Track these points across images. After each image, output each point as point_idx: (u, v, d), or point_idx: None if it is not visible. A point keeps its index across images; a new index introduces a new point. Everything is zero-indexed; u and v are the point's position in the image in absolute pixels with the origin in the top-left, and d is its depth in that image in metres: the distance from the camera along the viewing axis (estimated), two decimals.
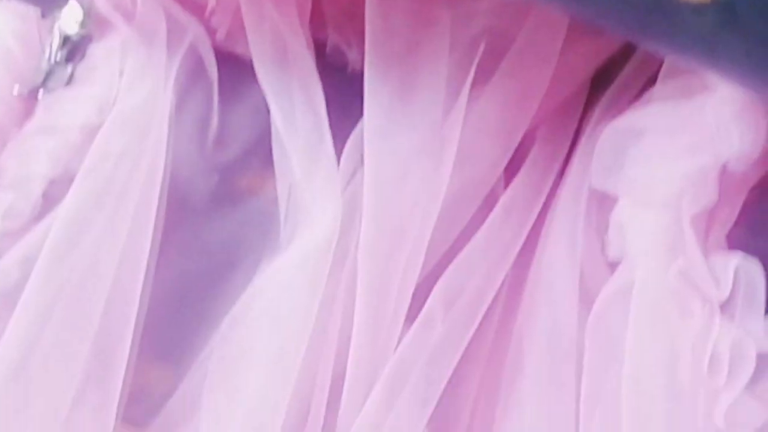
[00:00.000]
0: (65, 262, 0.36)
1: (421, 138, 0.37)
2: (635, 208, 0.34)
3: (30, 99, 0.38)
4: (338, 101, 0.39)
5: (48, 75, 0.37)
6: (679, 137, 0.34)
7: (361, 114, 0.38)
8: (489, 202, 0.38)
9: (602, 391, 0.33)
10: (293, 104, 0.39)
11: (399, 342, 0.35)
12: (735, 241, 0.34)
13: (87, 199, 0.37)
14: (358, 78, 0.39)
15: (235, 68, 0.41)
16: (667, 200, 0.33)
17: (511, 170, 0.38)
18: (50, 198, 0.38)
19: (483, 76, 0.38)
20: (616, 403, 0.33)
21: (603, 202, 0.36)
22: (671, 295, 0.33)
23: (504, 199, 0.38)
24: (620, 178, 0.34)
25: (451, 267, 0.36)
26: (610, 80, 0.39)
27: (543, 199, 0.38)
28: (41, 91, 0.37)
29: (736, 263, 0.32)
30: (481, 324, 0.36)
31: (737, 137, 0.33)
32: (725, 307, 0.32)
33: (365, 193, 0.36)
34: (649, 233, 0.34)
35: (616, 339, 0.33)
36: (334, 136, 0.38)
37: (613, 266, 0.35)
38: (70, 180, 0.37)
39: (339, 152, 0.38)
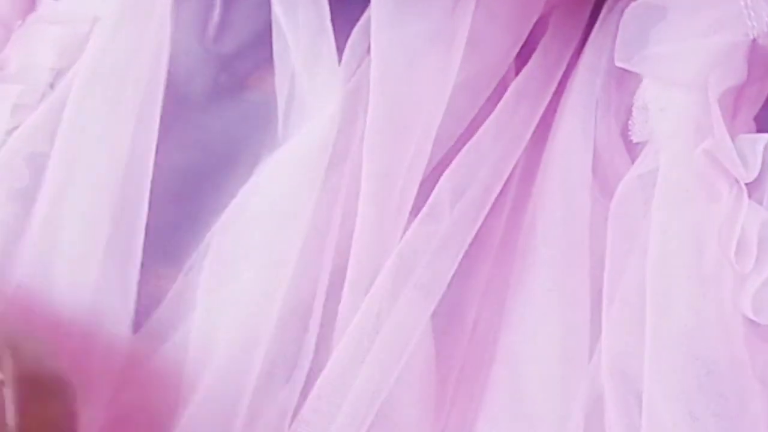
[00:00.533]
0: (77, 150, 0.35)
1: (432, 26, 0.36)
2: (660, 87, 0.33)
3: None
4: None
5: None
6: (706, 13, 0.32)
7: (364, 6, 0.37)
8: (499, 91, 0.36)
9: (624, 279, 0.32)
10: None
11: (403, 235, 0.34)
12: (763, 122, 0.33)
13: (92, 88, 0.36)
14: None
15: None
16: (693, 79, 0.32)
17: (522, 58, 0.37)
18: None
19: None
20: (637, 290, 0.32)
21: (622, 85, 0.35)
22: (697, 177, 0.32)
23: (514, 87, 0.36)
24: (644, 56, 0.33)
25: (459, 157, 0.35)
26: None
27: (555, 85, 0.36)
28: None
29: (765, 144, 0.31)
30: (489, 215, 0.35)
31: (767, 12, 0.31)
32: (753, 189, 0.31)
33: (372, 83, 0.35)
34: (674, 113, 0.33)
35: (639, 225, 0.32)
36: (337, 29, 0.37)
37: (631, 151, 0.34)
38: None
39: (342, 45, 0.37)
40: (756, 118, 0.34)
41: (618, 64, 0.33)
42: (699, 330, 0.30)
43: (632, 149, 0.34)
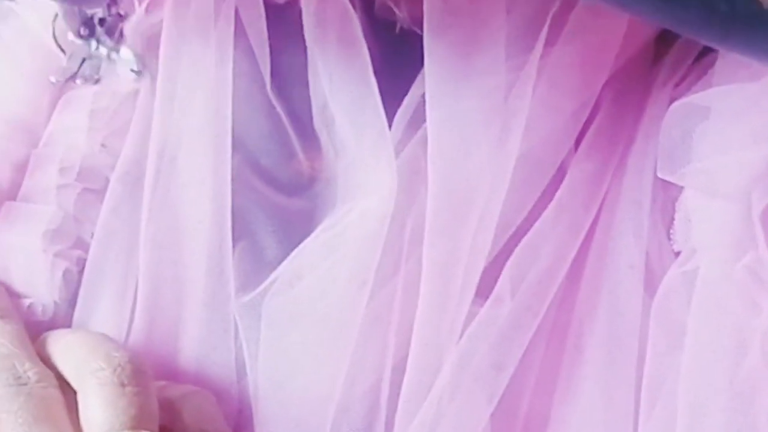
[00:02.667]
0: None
1: (487, 102, 0.35)
2: (702, 198, 0.33)
3: (67, 87, 0.37)
4: (387, 62, 0.37)
5: (84, 61, 0.36)
6: (748, 119, 0.32)
7: (411, 76, 0.37)
8: (559, 174, 0.36)
9: (665, 380, 0.33)
10: (338, 64, 0.37)
11: (465, 324, 0.34)
12: None
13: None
14: (408, 38, 0.37)
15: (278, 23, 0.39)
16: (735, 192, 0.32)
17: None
18: None
19: (551, 32, 0.36)
20: (677, 393, 0.32)
21: (667, 182, 0.35)
22: (737, 289, 0.32)
23: (572, 171, 0.36)
24: (686, 168, 0.33)
25: (521, 244, 0.35)
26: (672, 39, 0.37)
27: (611, 171, 0.36)
28: (77, 78, 0.36)
29: None
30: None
31: None
32: None
33: (429, 163, 0.35)
34: (715, 225, 0.33)
35: (681, 326, 0.33)
36: (383, 99, 0.37)
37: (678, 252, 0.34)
38: None
39: (390, 116, 0.37)
40: None
41: (660, 176, 0.33)
42: None
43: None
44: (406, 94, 0.37)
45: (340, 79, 0.37)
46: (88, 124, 0.38)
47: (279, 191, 0.38)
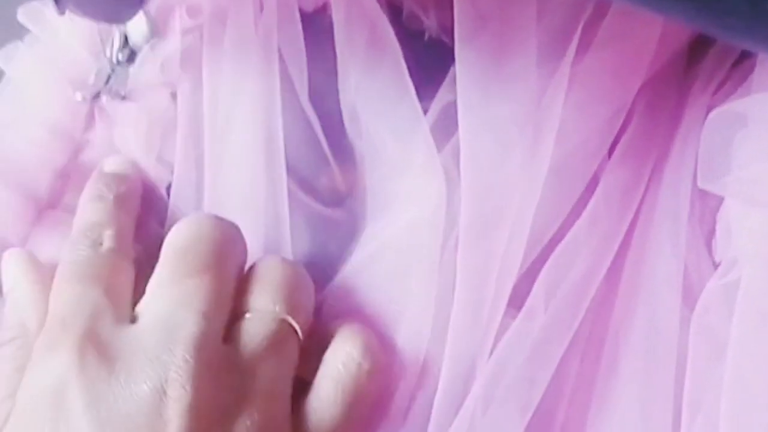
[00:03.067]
0: None
1: (519, 108, 0.35)
2: (743, 207, 0.32)
3: (93, 103, 0.36)
4: (414, 71, 0.37)
5: (110, 78, 0.36)
6: None
7: (439, 85, 0.36)
8: (593, 183, 0.36)
9: (706, 394, 0.32)
10: (368, 68, 0.37)
11: (498, 335, 0.34)
12: None
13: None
14: (436, 47, 0.37)
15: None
16: None
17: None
18: None
19: (583, 39, 0.35)
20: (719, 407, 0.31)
21: (704, 192, 0.34)
22: None
23: (606, 180, 0.36)
24: (727, 178, 0.32)
25: (554, 254, 0.35)
26: (707, 45, 0.37)
27: (645, 180, 0.36)
28: (104, 94, 0.36)
29: None
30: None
31: None
32: None
33: (462, 170, 0.35)
34: (757, 235, 0.32)
35: (722, 339, 0.32)
36: None
37: (718, 263, 0.34)
38: None
39: None
40: None
41: (701, 186, 0.33)
42: None
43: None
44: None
45: (370, 85, 0.36)
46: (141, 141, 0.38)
47: (316, 200, 0.38)
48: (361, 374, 0.33)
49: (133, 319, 0.33)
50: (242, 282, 0.34)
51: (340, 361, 0.33)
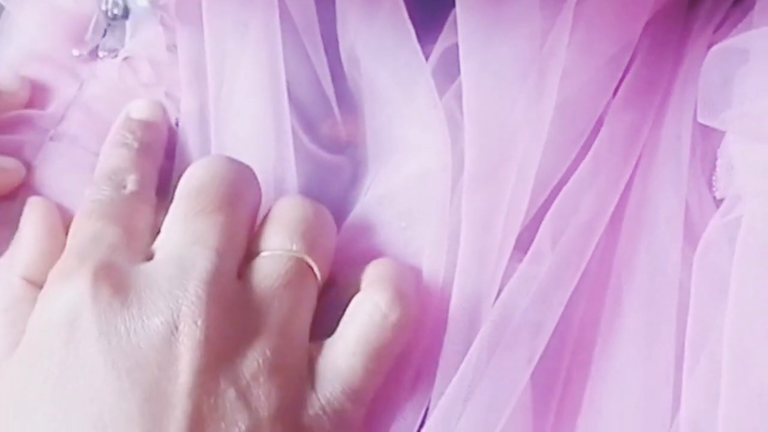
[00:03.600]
0: None
1: (521, 50, 0.34)
2: (744, 143, 0.32)
3: (90, 60, 0.36)
4: (416, 13, 0.36)
5: (106, 33, 0.35)
6: None
7: (439, 28, 0.36)
8: (598, 125, 0.35)
9: (710, 333, 0.32)
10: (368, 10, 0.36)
11: (505, 279, 0.34)
12: None
13: None
14: None
15: None
16: None
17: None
18: None
19: None
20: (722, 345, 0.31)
21: (707, 130, 0.34)
22: None
23: (610, 121, 0.35)
24: (727, 113, 0.32)
25: (559, 197, 0.35)
26: None
27: (650, 121, 0.35)
28: (100, 51, 0.36)
29: None
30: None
31: None
32: None
33: (465, 114, 0.34)
34: (759, 171, 0.32)
35: (724, 277, 0.32)
36: None
37: (719, 201, 0.33)
38: None
39: None
40: None
41: (701, 121, 0.33)
42: None
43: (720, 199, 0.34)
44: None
45: (369, 29, 0.36)
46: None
47: (319, 145, 0.38)
48: (387, 326, 0.32)
49: (149, 258, 0.33)
50: (261, 223, 0.34)
51: (367, 311, 0.33)
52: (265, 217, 0.34)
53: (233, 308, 0.31)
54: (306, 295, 0.33)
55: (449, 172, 0.35)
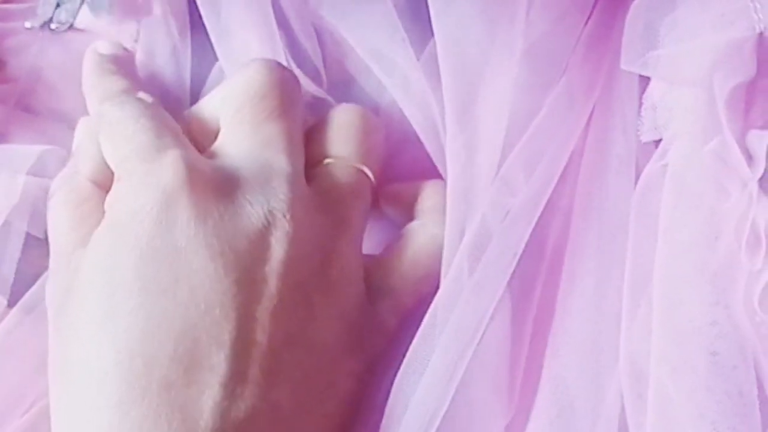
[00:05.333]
0: None
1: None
2: (667, 87, 0.32)
3: (42, 32, 0.38)
4: None
5: (58, 6, 0.37)
6: (711, 8, 0.32)
7: None
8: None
9: (648, 276, 0.32)
10: None
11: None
12: None
13: None
14: None
15: None
16: (699, 78, 0.32)
17: None
18: None
19: None
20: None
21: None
22: (706, 176, 0.32)
23: (572, 63, 0.36)
24: (650, 57, 0.33)
25: (531, 130, 0.35)
26: None
27: (606, 65, 0.36)
28: (53, 23, 0.37)
29: None
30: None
31: None
32: (765, 185, 0.31)
33: (441, 66, 0.35)
34: (681, 113, 0.32)
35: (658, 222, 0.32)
36: None
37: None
38: None
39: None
40: None
41: (623, 67, 0.33)
42: (707, 326, 0.30)
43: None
44: None
45: None
46: None
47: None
48: (438, 257, 0.34)
49: (211, 156, 0.34)
50: (317, 131, 0.36)
51: (425, 241, 0.35)
52: (323, 123, 0.36)
53: (310, 209, 0.33)
54: (365, 202, 0.35)
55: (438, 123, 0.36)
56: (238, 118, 0.34)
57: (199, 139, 0.35)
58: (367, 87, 0.40)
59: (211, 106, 0.36)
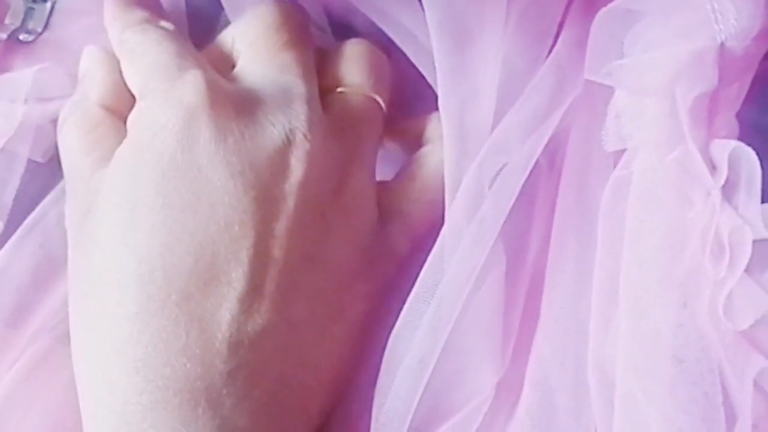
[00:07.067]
0: None
1: None
2: (630, 97, 0.33)
3: (10, 43, 0.37)
4: None
5: (27, 16, 0.37)
6: (674, 19, 0.32)
7: None
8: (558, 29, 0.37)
9: (615, 282, 0.33)
10: None
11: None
12: (745, 118, 0.33)
13: None
14: None
15: None
16: (662, 88, 0.32)
17: None
18: None
19: None
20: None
21: None
22: (670, 185, 0.32)
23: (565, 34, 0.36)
24: (613, 66, 0.33)
25: (528, 90, 0.36)
26: None
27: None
28: (21, 33, 0.37)
29: (731, 149, 0.31)
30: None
31: (734, 14, 0.31)
32: (730, 194, 0.31)
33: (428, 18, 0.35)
34: (645, 123, 0.32)
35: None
36: None
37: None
38: None
39: None
40: (738, 114, 0.33)
41: (587, 77, 0.33)
42: (673, 333, 0.31)
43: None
44: None
45: None
46: None
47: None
48: None
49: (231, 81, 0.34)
50: (328, 62, 0.37)
51: (433, 167, 0.36)
52: (334, 54, 0.37)
53: (327, 133, 0.34)
54: (378, 129, 0.36)
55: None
56: (253, 49, 0.35)
57: (217, 70, 0.35)
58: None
59: (226, 42, 0.37)
